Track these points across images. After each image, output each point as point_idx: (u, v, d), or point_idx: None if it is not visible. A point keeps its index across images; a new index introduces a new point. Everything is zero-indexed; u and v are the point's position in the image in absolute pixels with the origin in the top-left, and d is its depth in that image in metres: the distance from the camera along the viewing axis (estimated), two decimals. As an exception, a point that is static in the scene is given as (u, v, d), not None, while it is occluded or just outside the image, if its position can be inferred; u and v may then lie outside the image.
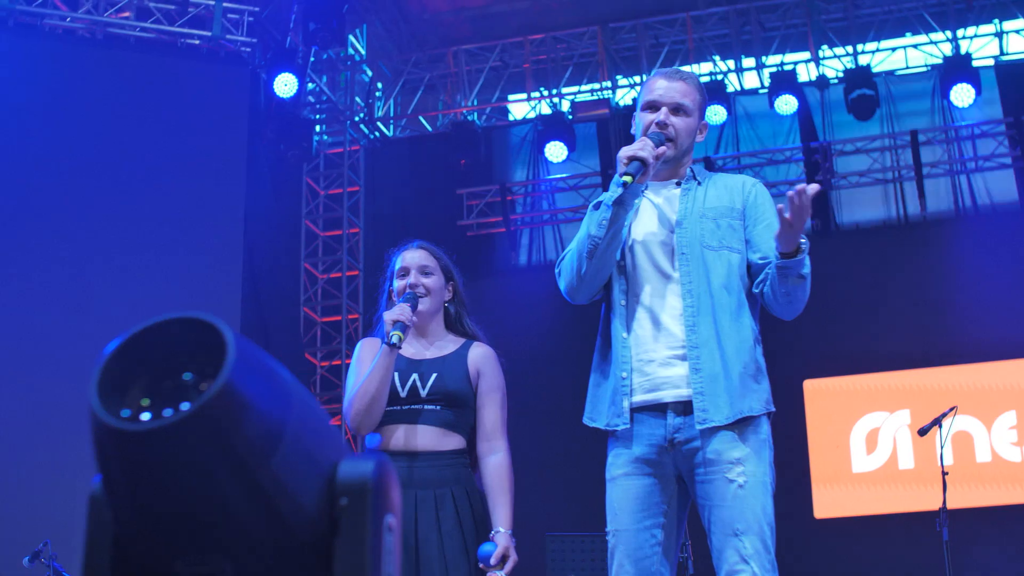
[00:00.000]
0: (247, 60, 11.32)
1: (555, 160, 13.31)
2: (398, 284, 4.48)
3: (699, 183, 4.01)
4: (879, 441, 11.78)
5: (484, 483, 4.38)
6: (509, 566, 4.17)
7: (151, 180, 10.46)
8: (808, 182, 12.03)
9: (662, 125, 3.96)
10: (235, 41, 11.20)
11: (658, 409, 3.84)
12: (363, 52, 14.28)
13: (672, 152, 3.96)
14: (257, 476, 1.89)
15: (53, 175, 10.20)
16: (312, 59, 13.37)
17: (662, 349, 3.86)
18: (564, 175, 13.79)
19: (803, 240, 3.66)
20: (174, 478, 1.86)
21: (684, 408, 3.81)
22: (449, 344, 4.47)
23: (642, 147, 3.81)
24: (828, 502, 11.74)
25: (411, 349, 4.42)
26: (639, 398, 3.86)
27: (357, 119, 14.09)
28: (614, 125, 13.61)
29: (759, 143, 13.45)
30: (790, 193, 3.54)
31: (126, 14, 11.09)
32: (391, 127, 14.55)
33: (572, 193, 13.86)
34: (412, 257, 4.54)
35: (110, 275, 10.08)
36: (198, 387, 1.88)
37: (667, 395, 3.83)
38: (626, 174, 3.72)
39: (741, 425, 3.76)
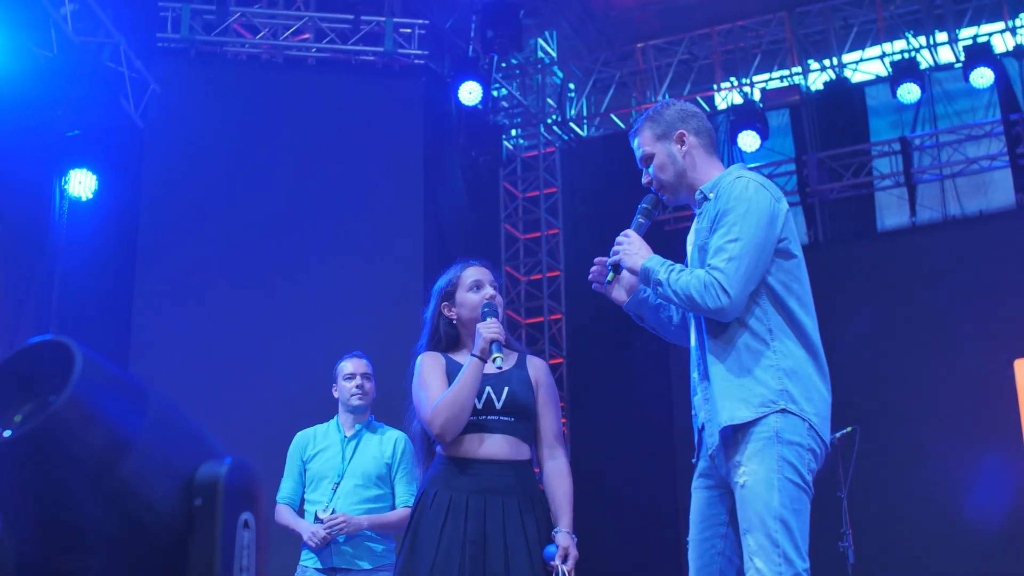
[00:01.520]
0: (420, 72, 11.66)
1: (748, 150, 13.16)
2: (474, 298, 4.58)
3: (709, 200, 3.99)
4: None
5: (546, 488, 4.53)
6: (571, 563, 4.30)
7: (334, 196, 10.89)
8: (1010, 158, 11.74)
9: (652, 185, 4.17)
10: (408, 54, 11.54)
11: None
12: (553, 54, 14.48)
13: (670, 194, 4.12)
14: (105, 482, 2.10)
15: (237, 199, 10.74)
16: (504, 65, 13.67)
17: (694, 372, 4.07)
18: (759, 164, 13.64)
19: (646, 264, 3.91)
20: (29, 485, 2.09)
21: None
22: (510, 357, 4.59)
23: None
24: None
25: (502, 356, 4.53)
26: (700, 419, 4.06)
27: (550, 121, 14.29)
28: (807, 110, 13.44)
29: (957, 119, 13.04)
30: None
31: (305, 36, 11.60)
32: (584, 127, 14.70)
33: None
34: (484, 272, 4.66)
35: (297, 289, 10.55)
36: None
37: (699, 417, 4.02)
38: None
39: (742, 430, 3.80)
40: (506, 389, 4.46)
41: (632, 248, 4.01)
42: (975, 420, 11.37)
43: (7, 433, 2.05)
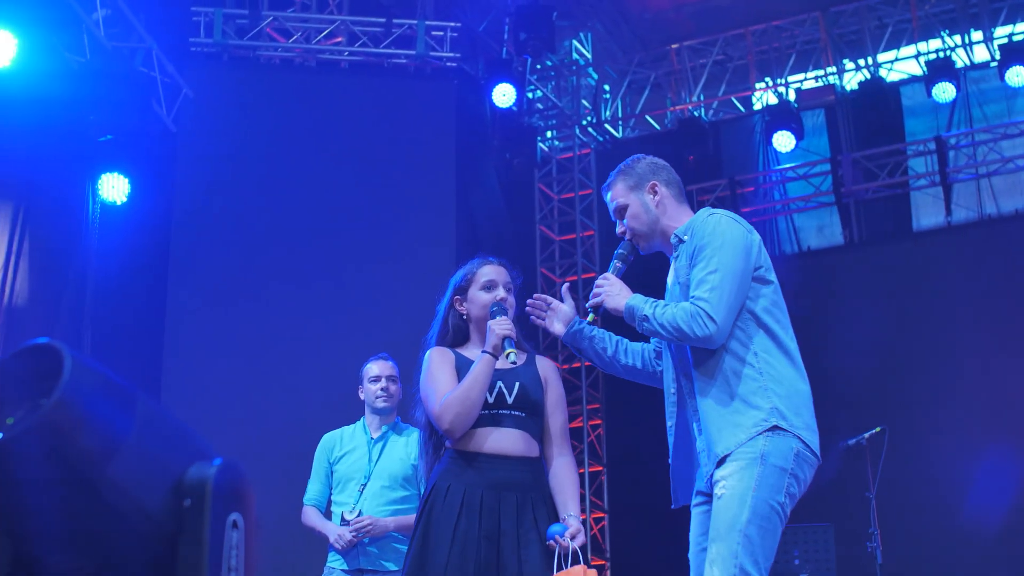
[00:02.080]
0: (453, 75, 11.68)
1: (783, 150, 13.17)
2: (485, 296, 4.60)
3: (685, 241, 4.14)
4: None
5: (552, 483, 4.53)
6: (579, 541, 4.30)
7: (366, 199, 10.91)
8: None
9: (625, 235, 4.32)
10: (440, 57, 11.57)
11: None
12: (588, 56, 14.48)
13: (644, 243, 4.29)
14: (95, 482, 2.12)
15: (270, 203, 10.78)
16: (538, 67, 13.68)
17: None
18: (794, 164, 13.62)
19: (630, 303, 4.05)
20: (21, 487, 2.12)
21: None
22: (520, 355, 4.55)
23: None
24: None
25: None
26: None
27: (585, 123, 14.29)
28: (842, 110, 13.39)
29: (993, 118, 12.94)
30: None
31: (338, 39, 11.64)
32: (619, 128, 14.69)
33: (803, 182, 13.68)
34: (500, 273, 4.68)
35: (329, 292, 10.58)
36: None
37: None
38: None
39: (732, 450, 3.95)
40: (517, 384, 4.50)
41: (613, 290, 4.17)
42: (1007, 421, 11.30)
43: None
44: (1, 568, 2.31)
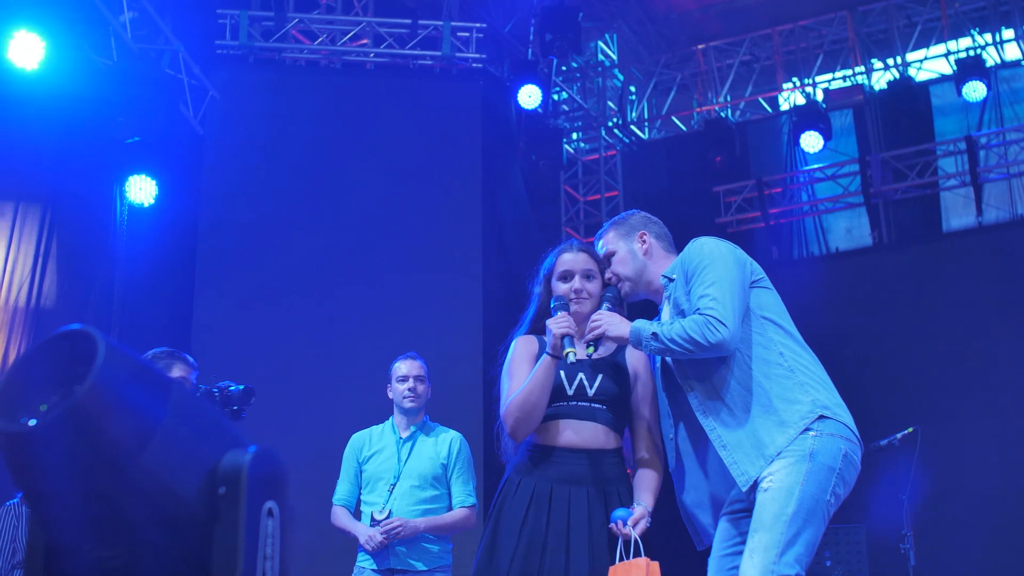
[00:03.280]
0: (478, 76, 11.65)
1: (811, 150, 13.09)
2: (561, 287, 4.51)
3: (674, 279, 4.23)
4: None
5: (635, 479, 4.43)
6: (640, 528, 4.19)
7: (392, 200, 10.89)
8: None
9: (611, 280, 4.47)
10: (466, 58, 11.55)
11: None
12: (614, 57, 14.44)
13: (628, 287, 4.41)
14: (129, 470, 2.09)
15: (296, 205, 10.76)
16: (564, 68, 13.65)
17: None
18: (822, 164, 13.55)
19: (635, 326, 4.10)
20: (55, 474, 2.09)
21: None
22: (609, 345, 4.49)
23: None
24: None
25: (576, 349, 4.42)
26: None
27: (611, 124, 14.25)
28: (870, 110, 13.31)
29: (1024, 118, 12.87)
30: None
31: (363, 41, 11.62)
32: (645, 130, 14.65)
33: (831, 183, 13.61)
34: (576, 260, 4.55)
35: (357, 293, 10.56)
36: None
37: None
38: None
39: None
40: (600, 377, 4.40)
41: (613, 320, 4.24)
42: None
43: (32, 422, 2.04)
44: (36, 555, 2.29)
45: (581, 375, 4.38)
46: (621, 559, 4.13)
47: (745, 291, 4.09)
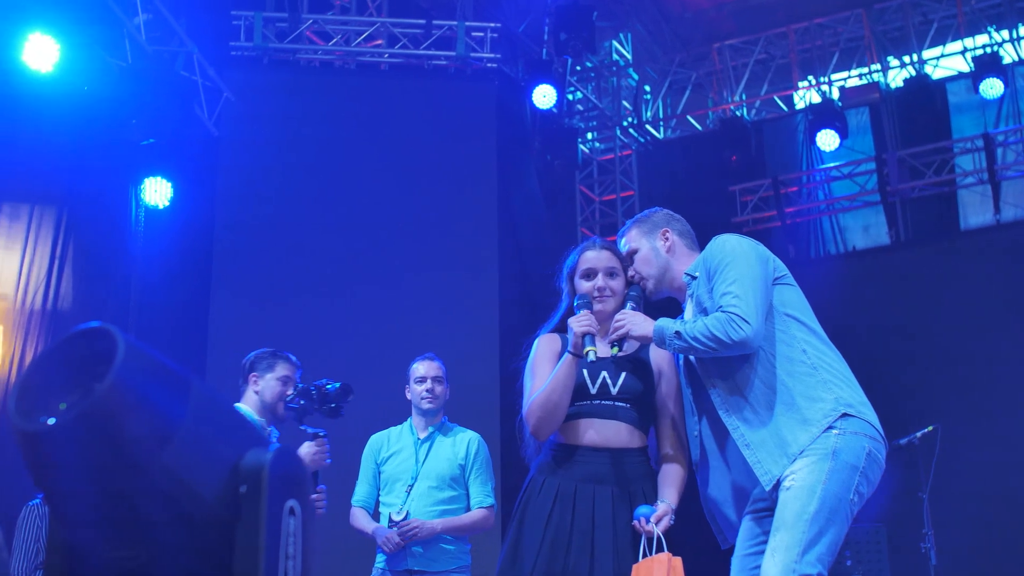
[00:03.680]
0: (493, 76, 11.63)
1: (827, 149, 13.04)
2: (585, 285, 4.48)
3: (696, 277, 4.23)
4: None
5: (659, 477, 4.40)
6: (664, 525, 4.16)
7: (408, 201, 10.88)
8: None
9: (634, 279, 4.46)
10: (480, 58, 11.53)
11: None
12: (628, 57, 14.42)
13: (652, 285, 4.41)
14: (149, 469, 2.07)
15: (312, 206, 10.75)
16: (578, 68, 13.62)
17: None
18: (838, 163, 13.50)
19: (659, 325, 4.10)
20: (74, 472, 2.07)
21: None
22: (633, 343, 4.46)
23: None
24: None
25: (598, 347, 4.40)
26: None
27: (626, 124, 14.22)
28: (887, 108, 13.27)
29: (1042, 114, 12.82)
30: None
31: (378, 41, 11.60)
32: (661, 129, 14.62)
33: (847, 182, 13.55)
34: (599, 258, 4.52)
35: (373, 294, 10.55)
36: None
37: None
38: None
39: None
40: (623, 375, 4.38)
41: (637, 319, 4.23)
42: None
43: (51, 421, 2.02)
44: (55, 554, 2.27)
45: (604, 374, 4.36)
46: (645, 556, 4.10)
47: (768, 288, 4.06)
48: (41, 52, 8.86)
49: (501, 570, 4.30)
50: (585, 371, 4.35)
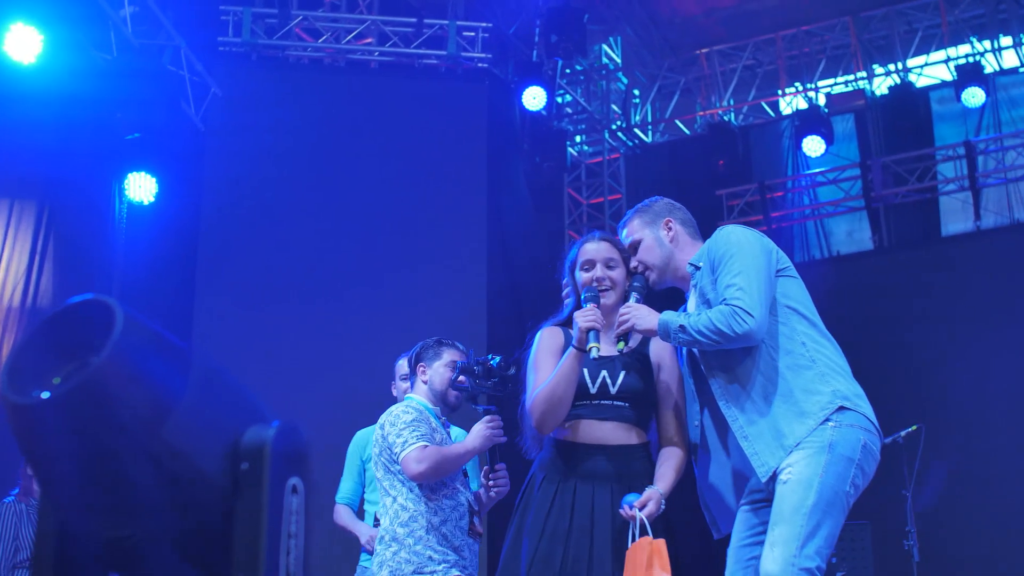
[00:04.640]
0: (484, 76, 11.59)
1: (813, 155, 13.11)
2: (583, 277, 4.46)
3: (700, 268, 4.22)
4: None
5: (657, 463, 4.37)
6: (649, 511, 4.11)
7: (396, 200, 10.84)
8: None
9: (637, 269, 4.44)
10: (471, 58, 11.48)
11: None
12: (618, 60, 14.41)
13: (655, 276, 4.38)
14: (148, 445, 2.00)
15: (298, 204, 10.71)
16: (568, 71, 13.60)
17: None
18: (823, 168, 13.54)
19: (663, 318, 4.08)
20: (68, 449, 2.00)
21: None
22: (637, 336, 4.44)
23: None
24: None
25: (602, 343, 4.36)
26: None
27: (614, 127, 14.21)
28: (872, 115, 13.35)
29: (1023, 123, 12.87)
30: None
31: (368, 39, 11.54)
32: (649, 133, 14.62)
33: (832, 187, 13.59)
34: (597, 250, 4.50)
35: (359, 293, 10.50)
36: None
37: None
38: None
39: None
40: (622, 374, 4.36)
41: (641, 312, 4.20)
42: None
43: (45, 395, 1.95)
44: (48, 538, 2.21)
45: (604, 373, 4.35)
46: (633, 540, 4.09)
47: (771, 280, 4.05)
48: (23, 43, 8.76)
49: (504, 563, 4.31)
50: (586, 371, 4.33)
